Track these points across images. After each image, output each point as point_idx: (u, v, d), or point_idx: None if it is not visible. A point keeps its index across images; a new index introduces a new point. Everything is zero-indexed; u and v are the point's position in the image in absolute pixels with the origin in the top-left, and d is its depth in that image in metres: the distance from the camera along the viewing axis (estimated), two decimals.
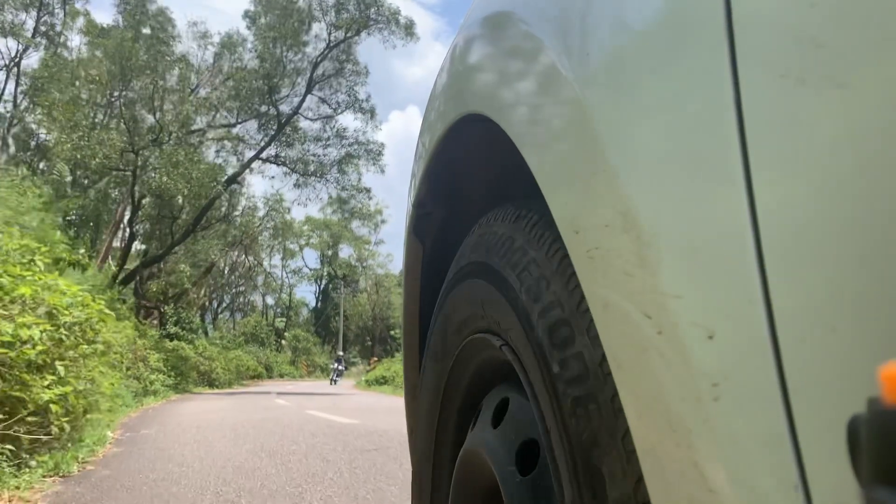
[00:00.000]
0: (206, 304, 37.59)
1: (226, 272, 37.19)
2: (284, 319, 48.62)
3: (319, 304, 51.31)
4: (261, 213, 29.15)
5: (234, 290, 42.69)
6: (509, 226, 0.71)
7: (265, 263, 42.36)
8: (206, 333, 32.16)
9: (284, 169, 23.54)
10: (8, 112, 23.55)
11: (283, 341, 43.58)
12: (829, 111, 0.33)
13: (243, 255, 35.94)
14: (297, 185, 23.99)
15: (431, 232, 1.07)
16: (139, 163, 19.11)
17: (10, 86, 24.00)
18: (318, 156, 23.52)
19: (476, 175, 1.01)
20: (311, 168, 23.31)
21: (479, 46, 0.81)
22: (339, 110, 23.40)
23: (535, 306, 0.60)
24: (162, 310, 25.15)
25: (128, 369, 12.06)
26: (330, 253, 49.03)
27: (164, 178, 18.20)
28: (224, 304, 44.35)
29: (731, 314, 0.36)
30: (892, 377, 0.25)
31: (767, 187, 0.35)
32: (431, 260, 1.08)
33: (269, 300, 48.82)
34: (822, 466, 0.32)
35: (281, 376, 36.34)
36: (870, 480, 0.24)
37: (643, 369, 0.42)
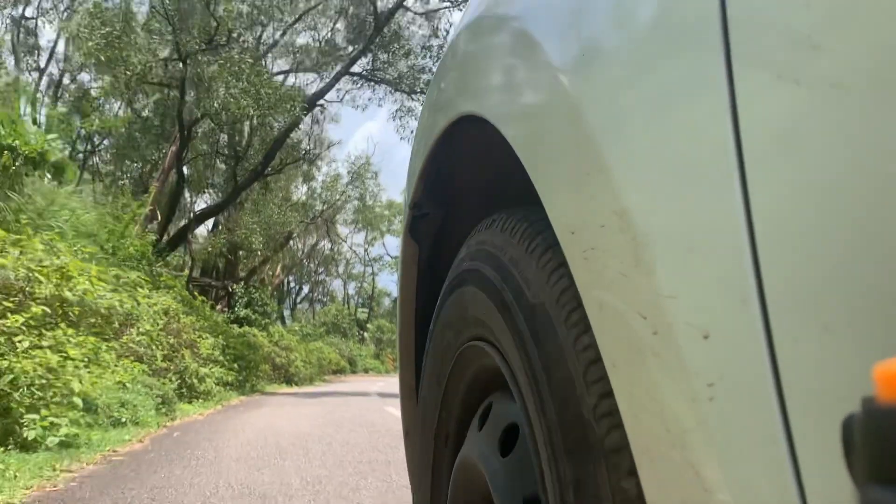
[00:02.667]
0: (284, 286, 33.24)
1: (303, 254, 33.06)
2: (366, 310, 44.17)
3: None
4: (344, 181, 25.33)
5: (313, 279, 39.03)
6: (501, 234, 0.71)
7: (347, 242, 37.77)
8: (282, 321, 28.46)
9: (382, 91, 17.40)
10: (60, 69, 21.45)
11: (366, 333, 39.76)
12: (824, 112, 0.33)
13: (324, 240, 32.31)
14: (396, 115, 17.70)
15: (428, 233, 1.06)
16: (188, 74, 13.58)
17: (61, 45, 21.87)
18: (427, 70, 16.76)
19: (473, 176, 1.01)
20: (419, 87, 16.73)
21: (475, 48, 0.82)
22: (456, 2, 16.75)
23: (523, 312, 0.60)
24: (231, 288, 20.44)
25: (166, 360, 8.45)
26: None
27: (222, 92, 12.92)
28: (303, 295, 40.87)
29: (726, 314, 0.37)
30: (886, 376, 0.25)
31: (762, 187, 0.35)
32: (428, 261, 1.08)
33: (350, 290, 44.65)
34: (817, 465, 0.32)
35: (365, 371, 32.55)
36: (864, 479, 0.24)
37: (638, 369, 0.42)
